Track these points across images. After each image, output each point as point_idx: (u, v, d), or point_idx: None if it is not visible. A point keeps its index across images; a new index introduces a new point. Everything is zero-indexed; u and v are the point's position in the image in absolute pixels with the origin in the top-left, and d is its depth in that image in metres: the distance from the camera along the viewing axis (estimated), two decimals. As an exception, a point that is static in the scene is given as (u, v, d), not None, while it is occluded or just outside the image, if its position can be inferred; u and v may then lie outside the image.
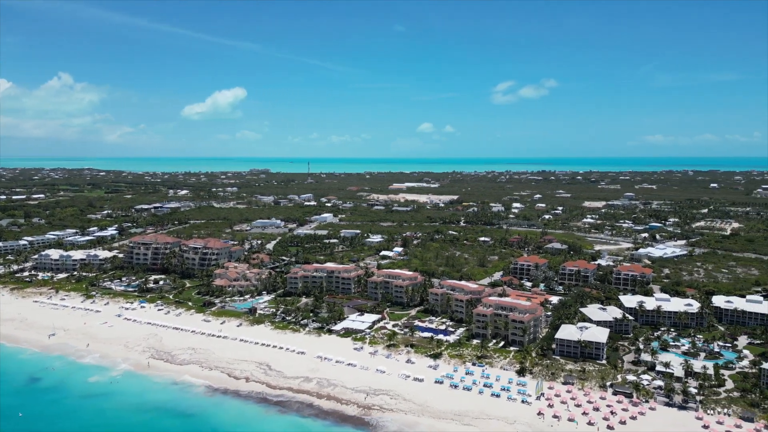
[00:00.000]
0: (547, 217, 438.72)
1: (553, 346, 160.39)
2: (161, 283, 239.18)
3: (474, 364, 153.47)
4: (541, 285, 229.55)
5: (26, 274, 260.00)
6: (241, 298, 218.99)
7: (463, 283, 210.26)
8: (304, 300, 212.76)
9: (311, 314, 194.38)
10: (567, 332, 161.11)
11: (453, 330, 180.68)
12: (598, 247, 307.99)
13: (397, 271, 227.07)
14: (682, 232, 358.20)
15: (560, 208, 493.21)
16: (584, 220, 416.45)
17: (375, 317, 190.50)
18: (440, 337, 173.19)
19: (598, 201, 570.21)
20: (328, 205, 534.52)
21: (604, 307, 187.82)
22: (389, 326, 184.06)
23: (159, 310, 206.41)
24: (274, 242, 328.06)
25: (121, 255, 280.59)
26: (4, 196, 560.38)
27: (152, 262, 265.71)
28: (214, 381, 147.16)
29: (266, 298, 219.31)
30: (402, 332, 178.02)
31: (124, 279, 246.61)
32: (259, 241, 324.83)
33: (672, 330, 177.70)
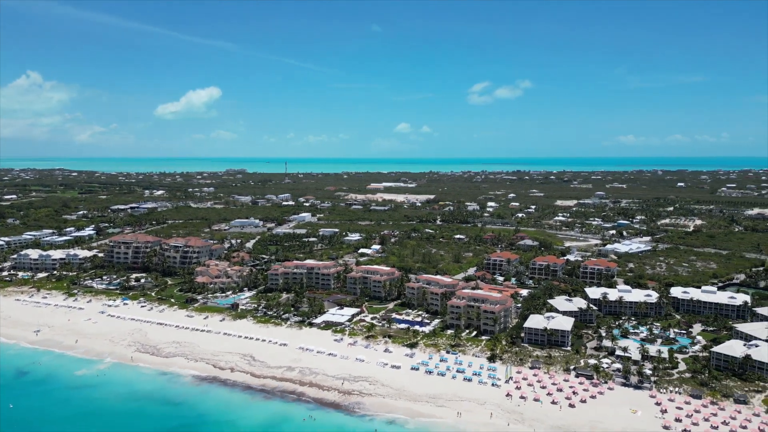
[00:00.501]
0: (520, 215, 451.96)
1: (522, 334, 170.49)
2: (143, 281, 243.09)
3: (448, 352, 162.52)
4: (513, 279, 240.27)
5: (5, 273, 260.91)
6: (223, 294, 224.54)
7: (438, 277, 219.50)
8: (285, 296, 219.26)
9: (292, 309, 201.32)
10: (535, 321, 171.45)
11: (428, 321, 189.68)
12: (568, 244, 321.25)
13: (375, 267, 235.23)
14: (648, 229, 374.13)
15: (533, 207, 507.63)
16: (556, 218, 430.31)
17: (354, 311, 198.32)
18: (416, 328, 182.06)
19: (570, 200, 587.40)
20: (307, 204, 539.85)
21: (570, 299, 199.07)
22: (368, 319, 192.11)
23: (142, 306, 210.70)
24: (253, 241, 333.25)
25: (101, 254, 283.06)
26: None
27: (133, 260, 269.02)
28: (201, 371, 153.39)
29: (248, 294, 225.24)
30: (380, 324, 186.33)
31: (105, 277, 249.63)
32: (239, 240, 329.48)
33: (632, 319, 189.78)
